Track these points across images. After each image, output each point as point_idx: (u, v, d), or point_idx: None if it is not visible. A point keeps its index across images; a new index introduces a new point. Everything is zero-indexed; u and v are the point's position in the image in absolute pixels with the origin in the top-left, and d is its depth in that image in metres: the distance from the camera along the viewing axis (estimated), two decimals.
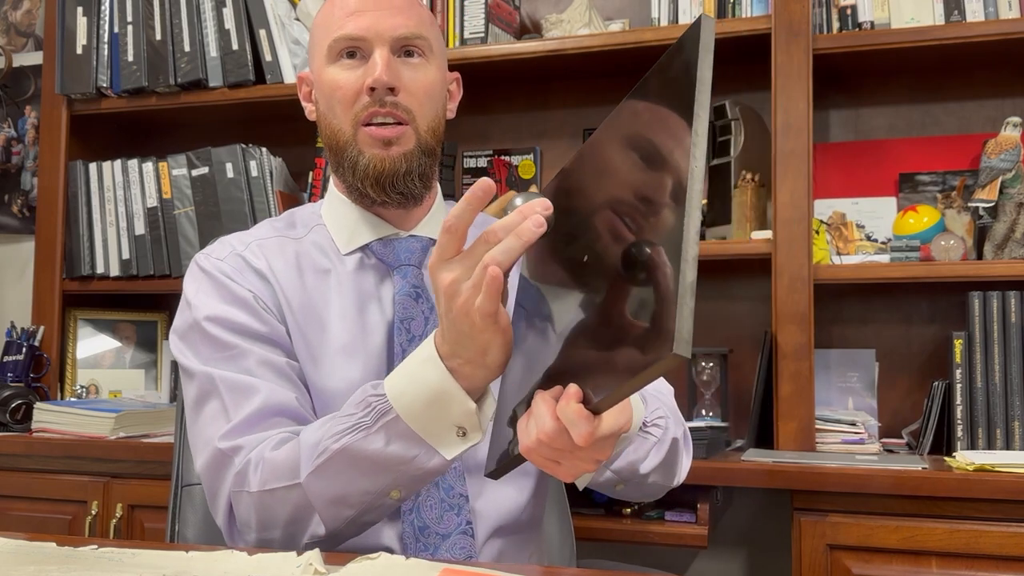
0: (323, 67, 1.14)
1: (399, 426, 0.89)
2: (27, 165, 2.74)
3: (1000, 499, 1.55)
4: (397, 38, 1.12)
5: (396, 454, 0.90)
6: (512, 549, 1.14)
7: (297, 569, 0.81)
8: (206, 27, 2.30)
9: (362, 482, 0.93)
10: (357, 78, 1.11)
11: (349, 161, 1.12)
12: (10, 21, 2.81)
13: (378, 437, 0.90)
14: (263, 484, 0.98)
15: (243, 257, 1.14)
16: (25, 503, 2.07)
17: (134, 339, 2.51)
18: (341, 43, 1.12)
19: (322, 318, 1.12)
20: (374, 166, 1.11)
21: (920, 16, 1.91)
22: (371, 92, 1.10)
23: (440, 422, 0.88)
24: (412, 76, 1.12)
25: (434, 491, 1.07)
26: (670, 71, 0.74)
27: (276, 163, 2.30)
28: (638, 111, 0.78)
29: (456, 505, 1.08)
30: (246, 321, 1.08)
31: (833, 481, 1.63)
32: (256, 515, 0.99)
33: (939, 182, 2.03)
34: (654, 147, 0.73)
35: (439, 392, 0.87)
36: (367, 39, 1.11)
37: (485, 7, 2.11)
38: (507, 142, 2.34)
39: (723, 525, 2.10)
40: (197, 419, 1.07)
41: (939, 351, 1.98)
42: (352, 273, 1.15)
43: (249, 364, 1.06)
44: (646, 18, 2.15)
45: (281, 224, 1.21)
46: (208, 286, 1.12)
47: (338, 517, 0.96)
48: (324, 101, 1.15)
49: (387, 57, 1.10)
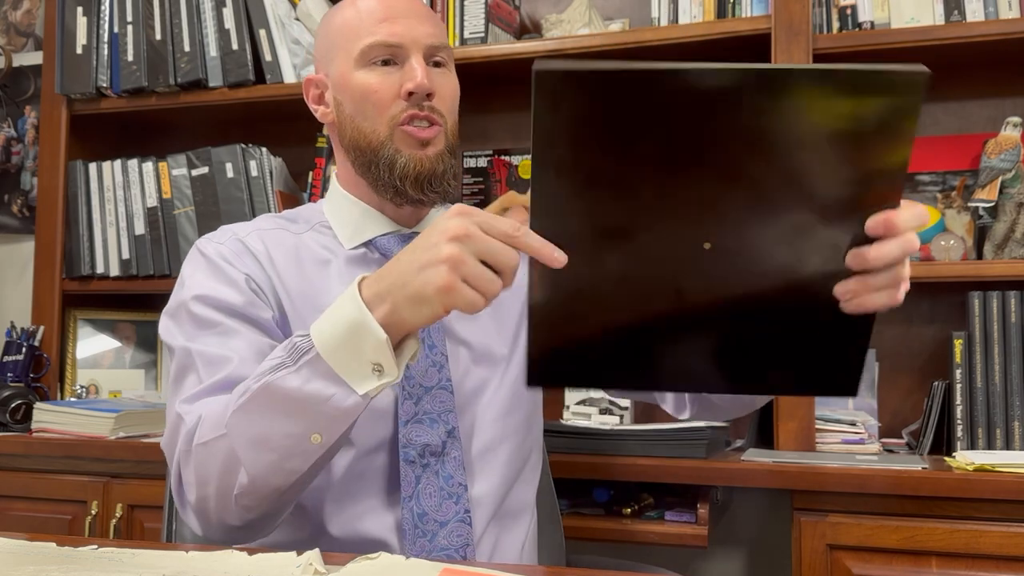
0: (350, 71, 1.17)
1: (319, 364, 0.90)
2: (27, 165, 2.74)
3: (1000, 499, 1.55)
4: (430, 46, 1.16)
5: (314, 392, 0.91)
6: (507, 535, 1.16)
7: (297, 569, 0.81)
8: (206, 27, 2.30)
9: (283, 423, 0.94)
10: (394, 82, 1.15)
11: (385, 160, 1.15)
12: (10, 21, 2.81)
13: (298, 376, 0.91)
14: (200, 438, 0.99)
15: (243, 242, 1.16)
16: (25, 503, 2.06)
17: (134, 339, 2.51)
18: (376, 49, 1.15)
19: (321, 303, 1.13)
20: (413, 165, 1.14)
21: (920, 16, 1.90)
22: (409, 96, 1.14)
23: (356, 358, 0.89)
24: (442, 83, 1.17)
25: (433, 479, 1.09)
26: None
27: (276, 163, 2.30)
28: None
29: (455, 494, 1.10)
30: (233, 301, 1.10)
31: (833, 481, 1.63)
32: (195, 471, 1.01)
33: (939, 182, 2.03)
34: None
35: (354, 325, 0.89)
36: (403, 45, 1.15)
37: (485, 7, 2.11)
38: (507, 142, 2.34)
39: (723, 525, 2.09)
40: (174, 393, 1.08)
41: (939, 351, 1.98)
42: (354, 265, 1.17)
43: (228, 340, 1.07)
44: (646, 18, 2.15)
45: (282, 219, 1.24)
46: (204, 267, 1.14)
47: (260, 461, 0.96)
48: (353, 104, 1.17)
49: (423, 63, 1.15)
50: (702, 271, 0.80)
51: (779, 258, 0.80)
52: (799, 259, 0.80)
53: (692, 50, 2.04)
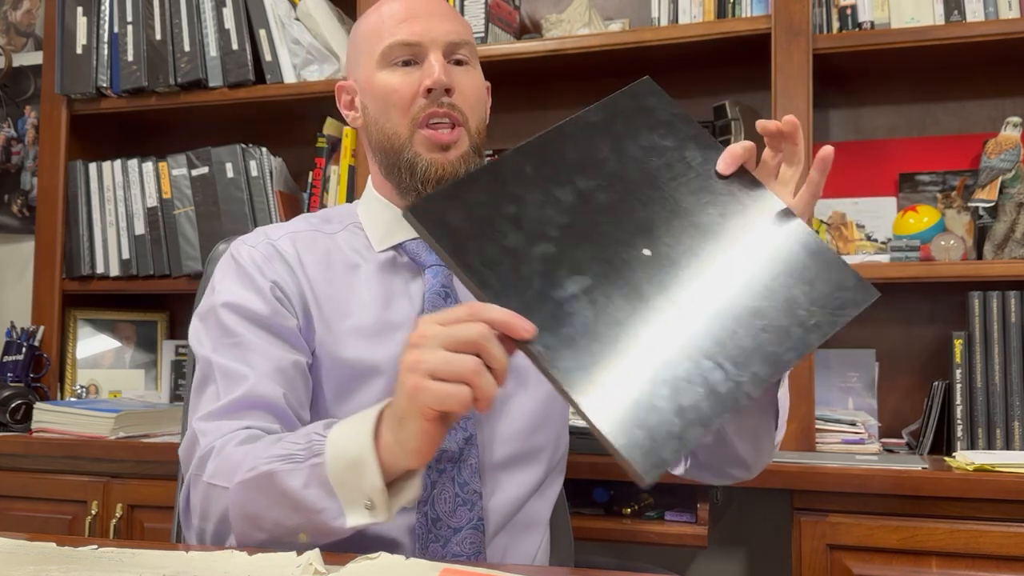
0: (373, 73, 1.17)
1: (322, 473, 0.89)
2: (27, 165, 2.74)
3: (1000, 499, 1.55)
4: (449, 43, 1.15)
5: (310, 499, 0.90)
6: (519, 546, 1.16)
7: (297, 569, 0.81)
8: (206, 27, 2.29)
9: (276, 512, 0.93)
10: (413, 81, 1.14)
11: (406, 164, 1.14)
12: (10, 21, 2.81)
13: (301, 475, 0.90)
14: (212, 476, 1.00)
15: (275, 245, 1.16)
16: (25, 503, 2.06)
17: (134, 339, 2.51)
18: (396, 49, 1.15)
19: (348, 305, 1.14)
20: (435, 170, 1.13)
21: (920, 16, 1.90)
22: (427, 94, 1.13)
23: (355, 486, 0.87)
24: (463, 80, 1.16)
25: (449, 486, 1.09)
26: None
27: (276, 163, 2.30)
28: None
29: (469, 501, 1.10)
30: (259, 310, 1.10)
31: (833, 481, 1.63)
32: (200, 503, 1.01)
33: (939, 182, 2.03)
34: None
35: (358, 459, 0.86)
36: (422, 44, 1.14)
37: (485, 7, 2.11)
38: (507, 142, 2.33)
39: (723, 525, 2.09)
40: (196, 403, 1.10)
41: (939, 351, 1.98)
42: (383, 269, 1.17)
43: (248, 354, 1.08)
44: (646, 18, 2.15)
45: (316, 219, 1.24)
46: (233, 272, 1.14)
47: (248, 535, 0.96)
48: (376, 106, 1.17)
49: (442, 60, 1.14)
50: (656, 275, 0.85)
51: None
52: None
53: (692, 50, 2.04)
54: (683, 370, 0.79)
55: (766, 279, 0.87)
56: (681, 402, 0.77)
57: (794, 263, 0.89)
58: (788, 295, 0.86)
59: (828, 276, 0.88)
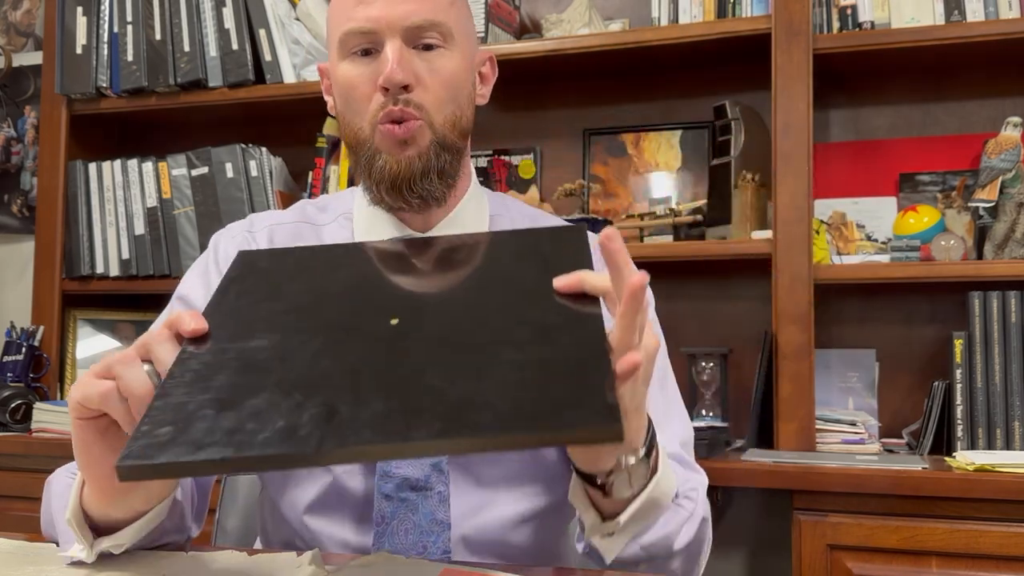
0: (336, 63, 1.07)
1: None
2: (27, 165, 2.74)
3: (1000, 499, 1.55)
4: (409, 27, 1.02)
5: (61, 523, 0.90)
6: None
7: (297, 569, 0.81)
8: (206, 27, 2.30)
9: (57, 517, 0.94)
10: (370, 75, 1.03)
11: (366, 161, 1.06)
12: (10, 21, 2.81)
13: (71, 488, 0.91)
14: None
15: (252, 238, 1.12)
16: (25, 503, 2.06)
17: (134, 339, 2.50)
18: (352, 37, 1.04)
19: None
20: (389, 168, 1.03)
21: (920, 16, 1.91)
22: (385, 91, 1.02)
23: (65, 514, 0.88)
24: (428, 69, 1.03)
25: (410, 516, 1.00)
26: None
27: (276, 163, 2.30)
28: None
29: (434, 532, 1.01)
30: (201, 305, 1.02)
31: (833, 481, 1.63)
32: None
33: (939, 182, 2.03)
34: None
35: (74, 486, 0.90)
36: (376, 31, 1.02)
37: (485, 7, 2.11)
38: (507, 142, 2.34)
39: (723, 525, 2.09)
40: None
41: (939, 351, 1.98)
42: None
43: None
44: (646, 18, 2.15)
45: (313, 208, 1.17)
46: (200, 263, 1.13)
47: (49, 532, 0.96)
48: (341, 100, 1.08)
49: (398, 51, 1.01)
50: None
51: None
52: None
53: (692, 50, 2.04)
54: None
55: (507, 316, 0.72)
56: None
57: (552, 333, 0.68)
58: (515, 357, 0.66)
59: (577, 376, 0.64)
